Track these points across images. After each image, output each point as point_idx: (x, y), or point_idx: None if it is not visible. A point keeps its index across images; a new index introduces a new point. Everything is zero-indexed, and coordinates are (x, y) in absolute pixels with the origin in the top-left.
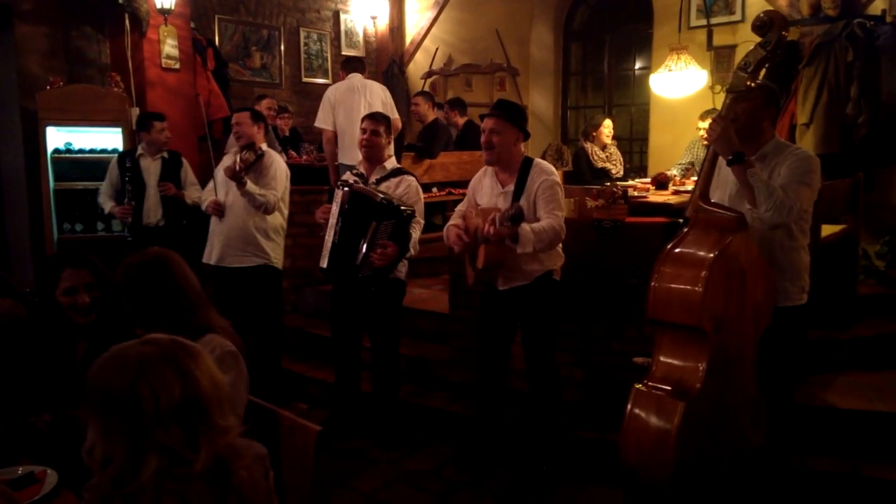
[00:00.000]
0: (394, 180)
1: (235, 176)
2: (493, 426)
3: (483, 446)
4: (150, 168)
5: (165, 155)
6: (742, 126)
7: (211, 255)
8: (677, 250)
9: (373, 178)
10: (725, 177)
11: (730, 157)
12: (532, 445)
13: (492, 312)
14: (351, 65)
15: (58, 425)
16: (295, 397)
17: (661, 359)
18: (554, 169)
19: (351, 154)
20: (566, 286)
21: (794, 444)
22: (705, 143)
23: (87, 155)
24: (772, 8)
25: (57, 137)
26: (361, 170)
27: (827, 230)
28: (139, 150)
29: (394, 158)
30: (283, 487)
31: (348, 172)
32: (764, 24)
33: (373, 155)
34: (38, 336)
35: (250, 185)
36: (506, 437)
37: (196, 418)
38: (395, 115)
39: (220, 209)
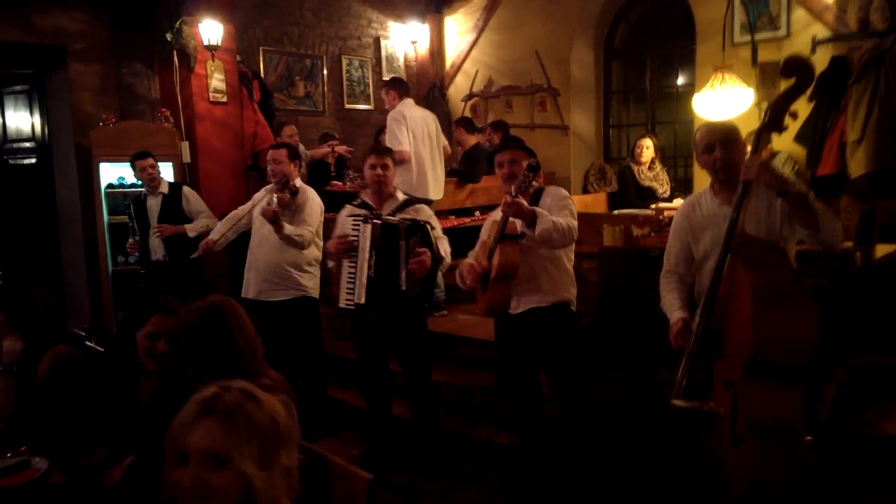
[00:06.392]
0: (410, 209)
1: (274, 221)
2: (540, 457)
3: (532, 478)
4: (152, 206)
5: (164, 191)
6: (733, 164)
7: (248, 289)
8: (765, 289)
9: (387, 210)
10: (755, 209)
11: (782, 190)
12: (579, 476)
13: (510, 342)
14: (403, 88)
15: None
16: (342, 426)
17: (761, 400)
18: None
19: (422, 188)
20: (614, 316)
21: (851, 478)
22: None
23: (139, 189)
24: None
25: (110, 172)
26: (367, 200)
27: (882, 250)
28: (145, 190)
29: (400, 191)
30: None
31: (349, 206)
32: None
33: (383, 189)
34: (102, 374)
35: (288, 228)
36: (555, 468)
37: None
38: (444, 142)
39: (209, 250)
